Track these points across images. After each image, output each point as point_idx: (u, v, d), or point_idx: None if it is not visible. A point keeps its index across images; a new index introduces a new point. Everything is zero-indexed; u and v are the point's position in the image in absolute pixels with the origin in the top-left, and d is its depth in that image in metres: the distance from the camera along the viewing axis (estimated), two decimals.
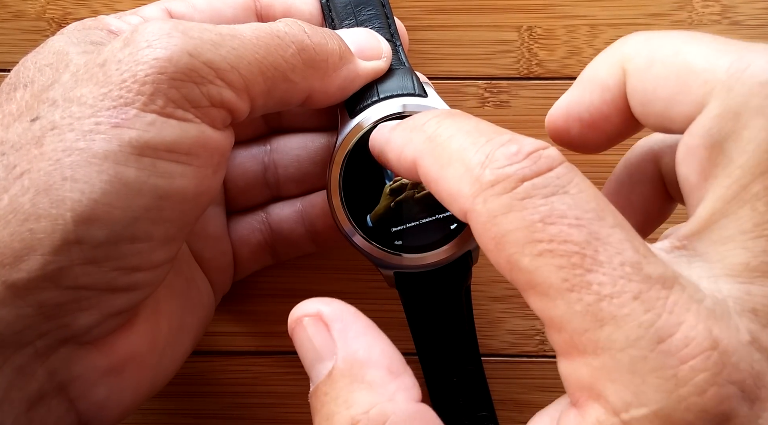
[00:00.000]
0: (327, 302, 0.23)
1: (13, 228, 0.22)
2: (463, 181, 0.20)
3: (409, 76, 0.30)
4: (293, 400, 0.37)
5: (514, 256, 0.19)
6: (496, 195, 0.19)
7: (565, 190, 0.19)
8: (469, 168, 0.20)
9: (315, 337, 0.22)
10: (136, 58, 0.24)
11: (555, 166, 0.20)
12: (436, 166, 0.22)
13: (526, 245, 0.19)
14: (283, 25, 0.27)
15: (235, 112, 0.25)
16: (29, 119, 0.24)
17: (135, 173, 0.23)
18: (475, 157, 0.20)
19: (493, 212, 0.19)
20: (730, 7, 0.36)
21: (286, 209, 0.34)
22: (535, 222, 0.19)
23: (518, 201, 0.19)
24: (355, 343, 0.22)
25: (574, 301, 0.18)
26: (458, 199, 0.21)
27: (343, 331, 0.22)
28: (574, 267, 0.18)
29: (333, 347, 0.22)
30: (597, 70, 0.24)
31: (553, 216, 0.19)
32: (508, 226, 0.19)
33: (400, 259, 0.30)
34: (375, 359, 0.21)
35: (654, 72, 0.22)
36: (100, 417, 0.27)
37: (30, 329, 0.23)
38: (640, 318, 0.17)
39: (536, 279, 0.19)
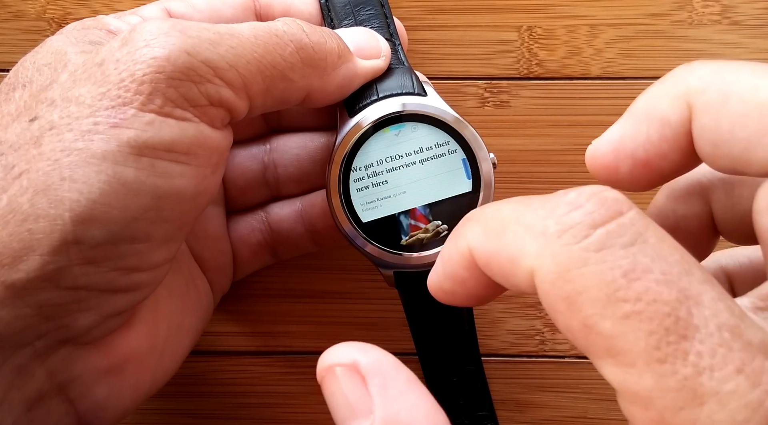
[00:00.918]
0: (364, 350, 0.20)
1: (11, 229, 0.22)
2: (525, 239, 0.18)
3: (409, 75, 0.30)
4: (293, 400, 0.37)
5: (591, 318, 0.16)
6: (566, 246, 0.17)
7: (644, 239, 0.17)
8: (528, 226, 0.18)
9: (349, 391, 0.20)
10: (134, 57, 0.24)
11: (625, 211, 0.17)
12: (491, 239, 0.19)
13: (607, 305, 0.16)
14: (281, 24, 0.27)
15: (233, 111, 0.25)
16: (28, 119, 0.24)
17: (133, 173, 0.23)
18: (533, 214, 0.18)
19: (564, 267, 0.17)
20: (730, 7, 0.35)
21: (286, 209, 0.34)
22: (618, 278, 0.16)
23: (594, 253, 0.17)
24: (397, 403, 0.19)
25: (667, 374, 0.16)
26: (520, 261, 0.18)
27: (383, 387, 0.19)
28: (668, 333, 0.16)
29: (370, 404, 0.19)
30: (656, 104, 0.21)
31: (638, 271, 0.16)
32: (583, 283, 0.17)
33: (400, 259, 0.30)
34: (419, 422, 0.19)
35: (730, 109, 0.19)
36: (100, 417, 0.27)
37: (29, 329, 0.23)
38: (748, 396, 0.15)
39: (619, 346, 0.16)
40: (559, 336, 0.36)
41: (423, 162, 0.29)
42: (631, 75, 0.36)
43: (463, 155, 0.29)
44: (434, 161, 0.29)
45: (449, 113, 0.29)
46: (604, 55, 0.36)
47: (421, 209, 0.30)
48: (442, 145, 0.29)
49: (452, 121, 0.29)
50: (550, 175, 0.36)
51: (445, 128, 0.29)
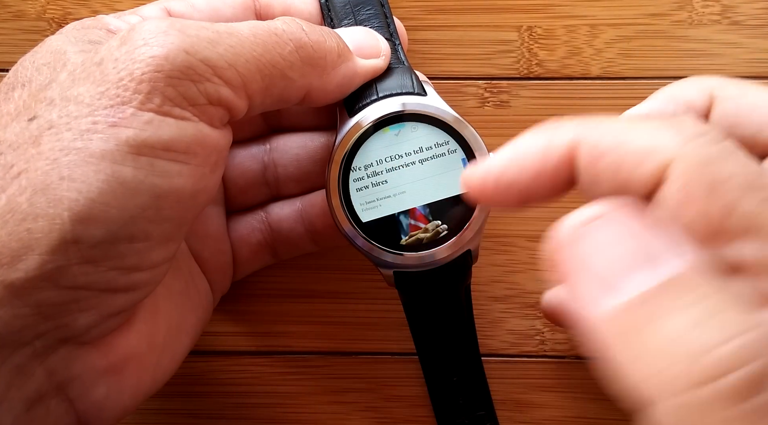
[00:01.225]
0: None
1: (10, 228, 0.22)
2: (662, 133, 0.20)
3: (409, 74, 0.30)
4: (293, 400, 0.37)
5: (735, 201, 0.18)
6: (710, 142, 0.19)
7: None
8: (660, 126, 0.20)
9: (640, 235, 0.19)
10: (132, 56, 0.24)
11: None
12: (613, 135, 0.20)
13: (751, 190, 0.18)
14: (281, 23, 0.27)
15: (232, 110, 0.25)
16: (27, 118, 0.24)
17: (132, 172, 0.23)
18: (662, 123, 0.20)
19: (711, 157, 0.19)
20: (730, 7, 0.35)
21: (286, 208, 0.34)
22: (755, 171, 0.19)
23: (731, 153, 0.19)
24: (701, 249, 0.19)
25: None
26: (655, 152, 0.19)
27: (680, 233, 0.19)
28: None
29: (671, 250, 0.18)
30: (683, 91, 0.25)
31: (764, 170, 0.19)
32: (730, 170, 0.19)
33: (399, 258, 0.30)
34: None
35: (748, 99, 0.23)
36: (100, 416, 0.26)
37: (28, 329, 0.23)
38: None
39: (761, 222, 0.18)
40: (559, 336, 0.36)
41: (423, 162, 0.29)
42: (631, 75, 0.36)
43: (462, 155, 0.29)
44: (434, 161, 0.29)
45: (449, 113, 0.29)
46: (604, 55, 0.36)
47: (420, 209, 0.30)
48: (442, 145, 0.29)
49: (452, 121, 0.29)
50: None
51: (444, 128, 0.29)
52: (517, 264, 0.36)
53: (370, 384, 0.36)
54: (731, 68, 0.35)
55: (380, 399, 0.36)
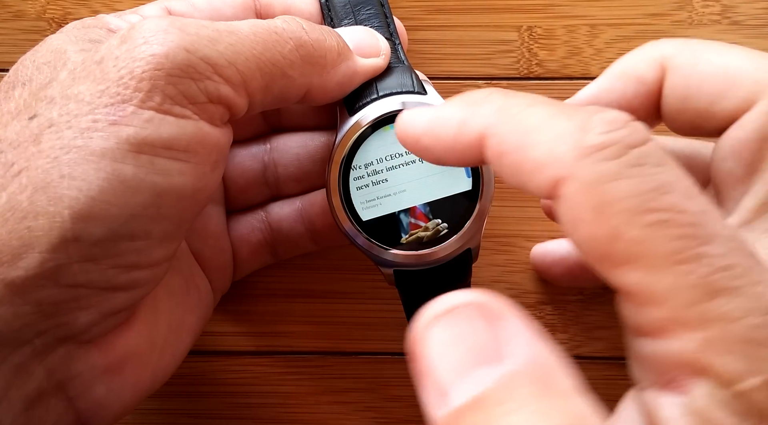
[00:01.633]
0: (488, 293, 0.19)
1: (11, 226, 0.22)
2: (559, 145, 0.19)
3: (409, 73, 0.30)
4: (293, 400, 0.37)
5: (620, 226, 0.18)
6: (604, 160, 0.18)
7: (666, 162, 0.18)
8: (563, 133, 0.19)
9: (473, 336, 0.18)
10: (133, 54, 0.24)
11: (650, 139, 0.19)
12: (516, 135, 0.20)
13: (637, 215, 0.18)
14: (281, 22, 0.27)
15: (233, 108, 0.25)
16: (27, 117, 0.24)
17: (133, 170, 0.23)
18: (569, 122, 0.19)
19: (600, 178, 0.18)
20: (730, 7, 0.35)
21: (286, 208, 0.34)
22: (650, 191, 0.18)
23: (630, 168, 0.18)
24: (537, 345, 0.18)
25: (684, 274, 0.17)
26: (549, 166, 0.19)
27: (523, 328, 0.18)
28: (690, 238, 0.18)
29: (501, 349, 0.18)
30: (634, 64, 0.24)
31: (667, 186, 0.18)
32: (617, 194, 0.18)
33: (400, 257, 0.30)
34: (562, 367, 0.18)
35: (700, 69, 0.22)
36: (99, 415, 0.26)
37: (28, 327, 0.23)
38: (753, 289, 0.17)
39: (642, 251, 0.18)
40: (560, 336, 0.36)
41: (423, 160, 0.29)
42: None
43: None
44: None
45: None
46: (604, 55, 0.36)
47: (421, 207, 0.30)
48: None
49: None
50: None
51: None
52: (517, 264, 0.36)
53: (370, 384, 0.36)
54: None
55: (380, 399, 0.36)
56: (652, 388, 0.19)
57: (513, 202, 0.36)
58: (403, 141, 0.24)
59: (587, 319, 0.36)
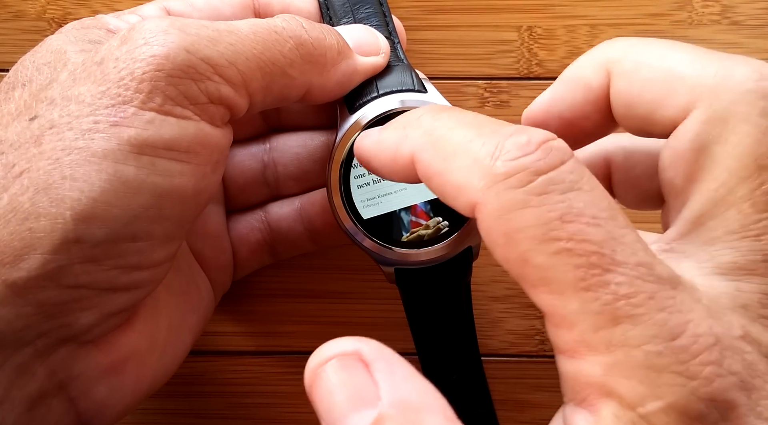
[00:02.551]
0: (363, 340, 0.20)
1: (13, 227, 0.22)
2: (472, 173, 0.20)
3: (408, 72, 0.30)
4: (293, 400, 0.37)
5: (527, 253, 0.19)
6: (510, 188, 0.19)
7: (579, 186, 0.19)
8: (477, 159, 0.20)
9: (351, 381, 0.19)
10: (133, 55, 0.24)
11: (566, 160, 0.19)
12: (438, 159, 0.21)
13: (542, 243, 0.18)
14: (280, 21, 0.27)
15: (233, 109, 0.25)
16: (28, 118, 0.24)
17: (134, 171, 0.23)
18: (483, 148, 0.20)
19: (506, 206, 0.19)
20: (730, 7, 0.36)
21: (285, 208, 0.34)
22: (553, 220, 0.18)
23: (534, 196, 0.18)
24: (405, 386, 0.19)
25: (589, 300, 0.18)
26: (465, 192, 0.20)
27: (390, 372, 0.19)
28: (592, 266, 0.18)
29: (376, 391, 0.19)
30: (581, 70, 0.24)
31: (571, 215, 0.18)
32: (523, 223, 0.18)
33: (401, 255, 0.30)
34: (430, 404, 0.19)
35: (641, 75, 0.22)
36: (100, 415, 0.26)
37: (30, 328, 0.23)
38: (655, 316, 0.18)
39: (550, 276, 0.18)
40: None
41: None
42: None
43: None
44: None
45: None
46: None
47: (421, 206, 0.30)
48: None
49: None
50: None
51: None
52: None
53: None
54: None
55: None
56: (570, 404, 0.19)
57: None
58: (359, 162, 0.26)
59: None
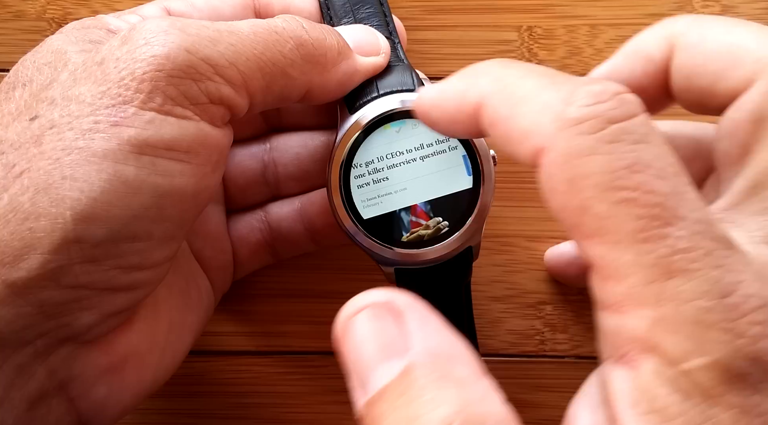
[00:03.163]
0: (395, 291, 0.21)
1: (13, 227, 0.22)
2: (543, 116, 0.19)
3: (409, 72, 0.30)
4: (293, 400, 0.37)
5: (589, 200, 0.18)
6: (581, 134, 0.19)
7: (649, 140, 0.19)
8: (549, 104, 0.19)
9: (383, 330, 0.20)
10: (134, 55, 0.24)
11: (638, 113, 0.19)
12: (508, 105, 0.21)
13: (607, 191, 0.18)
14: (281, 21, 0.27)
15: (234, 109, 0.25)
16: (28, 118, 0.24)
17: (134, 171, 0.23)
18: (556, 94, 0.19)
19: (575, 152, 0.19)
20: (730, 7, 0.36)
21: (285, 208, 0.34)
22: (621, 168, 0.18)
23: (605, 144, 0.18)
24: (438, 336, 0.19)
25: (645, 252, 0.18)
26: (532, 136, 0.19)
27: (423, 322, 0.20)
28: (655, 218, 0.18)
29: (406, 342, 0.19)
30: (644, 43, 0.24)
31: (640, 165, 0.18)
32: (590, 169, 0.18)
33: (401, 255, 0.30)
34: (460, 354, 0.19)
35: (706, 47, 0.22)
36: (100, 415, 0.27)
37: (30, 328, 0.23)
38: (710, 273, 0.17)
39: (609, 226, 0.18)
40: (560, 336, 0.36)
41: (424, 158, 0.29)
42: None
43: (463, 151, 0.29)
44: (435, 158, 0.30)
45: None
46: (604, 55, 0.36)
47: (422, 206, 0.30)
48: (443, 142, 0.29)
49: None
50: None
51: None
52: (517, 264, 0.36)
53: None
54: None
55: None
56: (609, 361, 0.19)
57: (513, 202, 0.36)
58: (418, 115, 0.25)
59: (587, 319, 0.36)
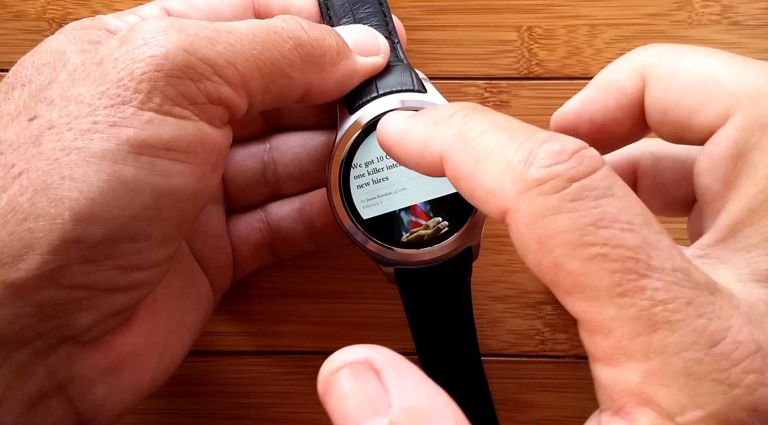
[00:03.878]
0: (373, 348, 0.20)
1: (11, 228, 0.22)
2: (505, 177, 0.19)
3: (408, 72, 0.30)
4: (293, 400, 0.37)
5: (561, 259, 0.19)
6: (543, 194, 0.19)
7: (612, 193, 0.19)
8: (510, 164, 0.20)
9: (362, 389, 0.19)
10: (132, 56, 0.24)
11: (599, 167, 0.19)
12: (470, 162, 0.21)
13: (576, 248, 0.18)
14: (280, 21, 0.27)
15: (233, 109, 0.25)
16: (27, 118, 0.24)
17: (133, 172, 0.23)
18: (516, 153, 0.20)
19: (540, 212, 0.19)
20: (730, 7, 0.35)
21: (285, 207, 0.34)
22: (587, 225, 0.18)
23: (568, 202, 0.18)
24: (415, 393, 0.19)
25: (626, 306, 0.18)
26: (496, 196, 0.20)
27: (400, 379, 0.19)
28: (628, 271, 0.18)
29: (386, 399, 0.19)
30: (616, 75, 0.24)
31: (605, 220, 0.18)
32: (556, 228, 0.18)
33: (400, 255, 0.30)
34: (440, 410, 0.19)
35: (678, 80, 0.22)
36: (100, 415, 0.27)
37: (29, 328, 0.23)
38: (694, 322, 0.17)
39: (585, 282, 0.18)
40: (560, 336, 0.36)
41: None
42: None
43: None
44: None
45: None
46: (604, 55, 0.36)
47: (421, 206, 0.30)
48: None
49: None
50: None
51: None
52: (517, 264, 0.36)
53: None
54: None
55: None
56: (607, 412, 0.19)
57: None
58: (381, 146, 0.25)
59: None
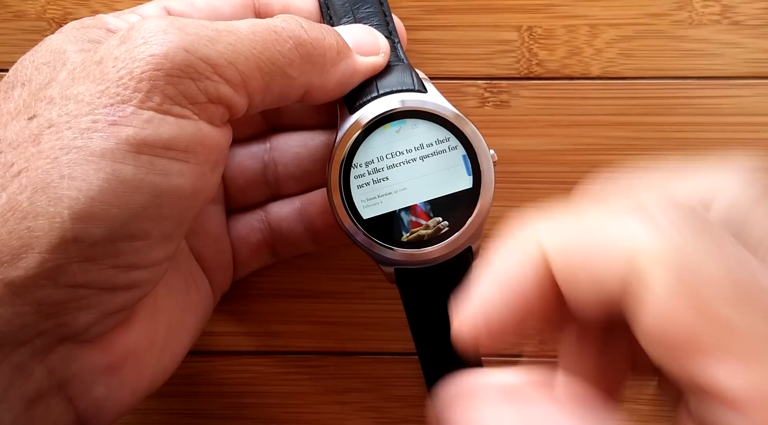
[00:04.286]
0: (508, 371, 0.18)
1: (11, 226, 0.22)
2: (626, 222, 0.18)
3: (409, 72, 0.30)
4: (293, 400, 0.37)
5: (721, 318, 0.15)
6: (685, 226, 0.17)
7: None
8: (624, 211, 0.18)
9: (501, 421, 0.18)
10: (132, 55, 0.24)
11: None
12: (581, 235, 0.19)
13: (739, 300, 0.16)
14: (280, 21, 0.27)
15: (232, 108, 0.25)
16: (26, 117, 0.24)
17: (132, 171, 0.23)
18: (624, 217, 0.18)
19: (687, 253, 0.16)
20: (730, 7, 0.35)
21: (285, 207, 0.34)
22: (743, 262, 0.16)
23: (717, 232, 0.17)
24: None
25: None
26: (619, 246, 0.17)
27: (551, 414, 0.18)
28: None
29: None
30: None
31: None
32: (710, 271, 0.16)
33: (401, 255, 0.30)
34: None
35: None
36: (99, 415, 0.27)
37: (28, 327, 0.23)
38: None
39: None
40: None
41: (423, 158, 0.29)
42: (631, 75, 0.36)
43: (463, 151, 0.29)
44: (435, 157, 0.29)
45: (449, 109, 0.29)
46: (604, 55, 0.36)
47: (421, 205, 0.30)
48: (443, 142, 0.29)
49: (452, 118, 0.29)
50: (550, 174, 0.36)
51: (445, 124, 0.29)
52: None
53: (370, 384, 0.36)
54: (731, 68, 0.35)
55: (380, 399, 0.36)
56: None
57: (513, 202, 0.36)
58: (476, 341, 0.21)
59: None
